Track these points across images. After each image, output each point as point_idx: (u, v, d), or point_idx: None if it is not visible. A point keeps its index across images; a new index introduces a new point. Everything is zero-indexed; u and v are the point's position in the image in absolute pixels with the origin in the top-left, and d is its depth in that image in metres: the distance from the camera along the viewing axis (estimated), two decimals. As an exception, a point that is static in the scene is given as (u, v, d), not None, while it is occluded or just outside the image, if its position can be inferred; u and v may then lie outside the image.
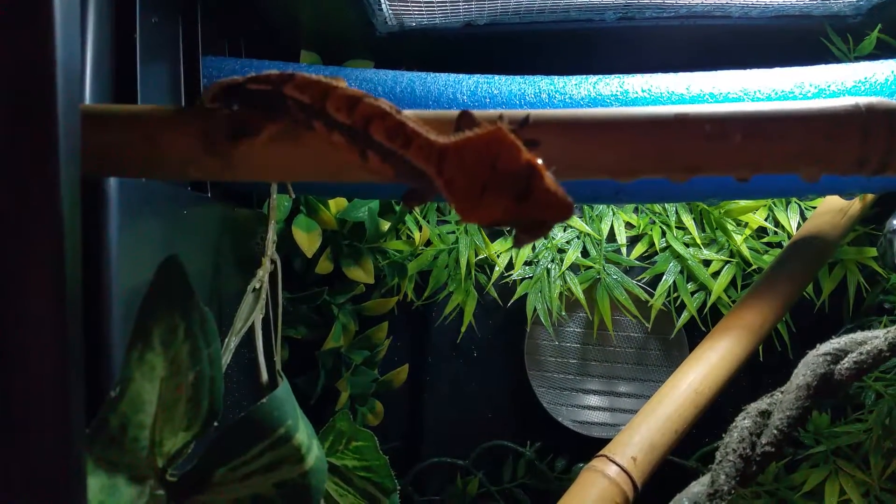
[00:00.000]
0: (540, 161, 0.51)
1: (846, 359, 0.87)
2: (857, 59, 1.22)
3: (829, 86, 0.99)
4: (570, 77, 1.03)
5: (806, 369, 0.87)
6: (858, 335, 0.88)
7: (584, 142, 0.64)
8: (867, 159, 0.62)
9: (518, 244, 0.54)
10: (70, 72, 0.52)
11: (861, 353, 0.85)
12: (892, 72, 0.99)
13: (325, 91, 0.57)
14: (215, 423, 0.71)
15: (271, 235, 0.96)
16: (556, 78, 1.03)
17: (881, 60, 1.03)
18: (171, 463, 0.69)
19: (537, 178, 0.50)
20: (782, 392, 0.88)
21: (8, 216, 0.51)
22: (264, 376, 0.87)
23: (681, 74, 1.01)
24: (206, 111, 0.64)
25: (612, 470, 0.92)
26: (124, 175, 0.68)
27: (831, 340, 0.90)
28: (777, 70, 1.01)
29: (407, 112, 0.57)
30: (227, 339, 0.86)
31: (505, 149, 0.51)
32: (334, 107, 0.57)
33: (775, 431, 0.85)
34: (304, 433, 0.74)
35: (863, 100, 0.63)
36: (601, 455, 0.95)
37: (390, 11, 1.15)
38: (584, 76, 1.03)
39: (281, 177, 0.87)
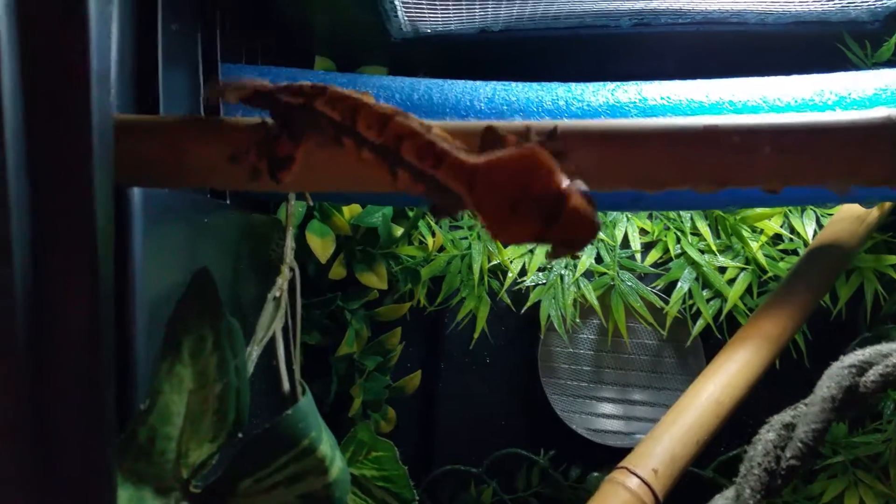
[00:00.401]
0: (569, 183, 0.51)
1: (871, 371, 0.86)
2: (875, 65, 1.21)
3: (849, 93, 0.99)
4: (588, 84, 1.03)
5: (830, 381, 0.87)
6: (884, 347, 0.87)
7: (612, 153, 0.63)
8: (900, 172, 0.62)
9: (553, 257, 0.54)
10: (103, 80, 0.52)
11: (887, 366, 0.85)
12: (913, 80, 0.98)
13: (355, 107, 0.57)
14: (240, 435, 0.71)
15: (290, 243, 0.96)
16: (573, 85, 1.03)
17: (902, 68, 1.02)
18: (196, 474, 0.68)
19: (568, 201, 0.50)
20: (806, 404, 0.88)
21: (43, 227, 0.51)
22: (286, 386, 0.86)
23: (699, 82, 1.01)
24: (233, 125, 0.64)
25: (634, 482, 0.91)
26: (150, 185, 0.68)
27: (856, 352, 0.89)
28: (797, 78, 1.01)
29: (435, 129, 0.57)
30: (249, 349, 0.86)
31: (537, 171, 0.50)
32: (365, 124, 0.56)
33: (800, 444, 0.84)
34: (327, 445, 0.74)
35: (895, 112, 0.63)
36: (622, 467, 0.94)
37: (405, 18, 1.15)
38: (602, 83, 1.02)
39: (311, 188, 0.87)
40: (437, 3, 1.08)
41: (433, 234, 1.36)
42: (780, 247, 1.35)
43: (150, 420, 0.61)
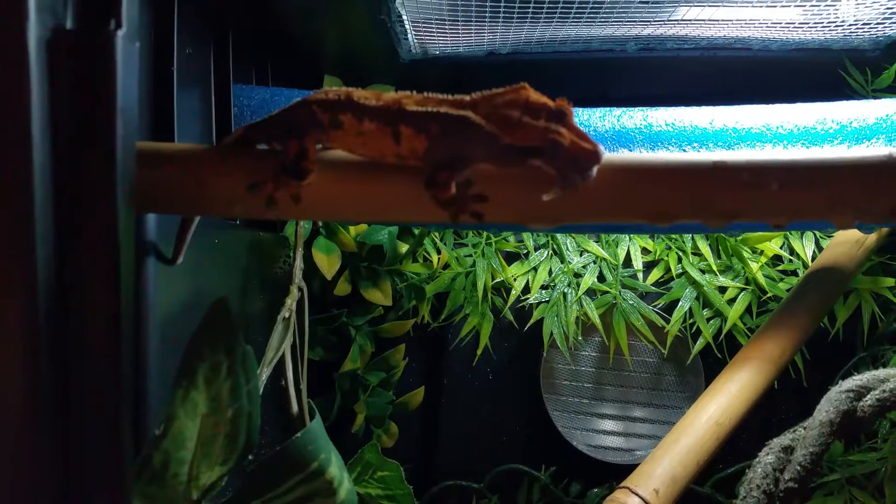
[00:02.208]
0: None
1: (868, 396, 0.88)
2: (875, 91, 1.23)
3: (850, 122, 1.00)
4: (595, 109, 1.04)
5: (829, 406, 0.88)
6: (881, 372, 0.89)
7: (623, 187, 0.65)
8: (902, 209, 0.63)
9: (563, 187, 0.59)
10: (128, 116, 0.53)
11: (884, 391, 0.86)
12: (913, 109, 1.00)
13: (347, 91, 0.63)
14: (250, 457, 0.72)
15: (298, 263, 0.97)
16: (580, 110, 1.04)
17: (902, 97, 1.04)
18: (206, 495, 0.69)
19: (569, 114, 0.57)
20: (805, 428, 0.89)
21: (67, 253, 0.52)
22: (295, 407, 0.87)
23: (704, 108, 1.03)
24: (249, 153, 0.65)
25: (635, 502, 0.92)
26: (169, 212, 0.69)
27: (854, 377, 0.91)
28: (799, 105, 1.02)
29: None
30: (259, 370, 0.87)
31: (531, 95, 0.58)
32: (362, 96, 0.62)
33: (798, 468, 0.86)
34: (336, 466, 0.75)
35: (896, 150, 0.64)
36: (623, 486, 0.96)
37: (415, 40, 1.16)
38: (609, 108, 1.04)
39: (325, 217, 0.88)
40: (446, 26, 1.10)
41: (438, 252, 1.38)
42: (780, 268, 1.36)
43: (165, 445, 0.62)
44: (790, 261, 1.36)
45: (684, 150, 1.01)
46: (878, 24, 1.10)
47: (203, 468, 0.68)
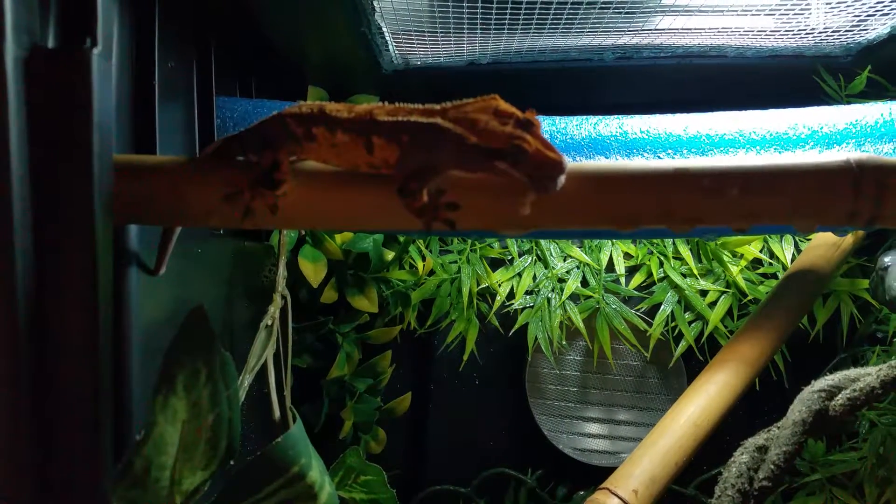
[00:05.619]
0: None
1: (839, 395, 0.90)
2: (849, 97, 1.25)
3: (821, 127, 1.03)
4: (571, 118, 1.06)
5: (801, 405, 0.90)
6: (851, 372, 0.91)
7: (587, 193, 0.67)
8: (858, 213, 0.66)
9: (536, 191, 0.60)
10: (105, 131, 0.55)
11: (854, 391, 0.88)
12: (882, 114, 1.02)
13: (321, 105, 0.65)
14: (231, 462, 0.73)
15: (282, 272, 0.99)
16: (557, 118, 1.07)
17: (871, 103, 1.06)
18: (189, 500, 0.71)
19: (536, 124, 0.59)
20: (779, 427, 0.91)
21: (46, 265, 0.54)
22: (277, 413, 0.89)
23: (678, 116, 1.05)
24: (226, 164, 0.67)
25: (614, 503, 0.94)
26: (149, 223, 0.70)
27: (825, 377, 0.92)
28: (771, 112, 1.04)
29: None
30: (241, 377, 0.88)
31: (501, 105, 0.60)
32: (334, 109, 0.64)
33: (772, 466, 0.87)
34: (317, 471, 0.77)
35: (853, 155, 0.67)
36: (603, 488, 0.97)
37: (396, 51, 1.19)
38: (585, 117, 1.06)
39: (303, 226, 0.89)
40: (426, 37, 1.12)
41: (423, 259, 1.40)
42: (760, 271, 1.38)
43: (145, 450, 0.63)
44: (770, 264, 1.38)
45: (659, 157, 1.03)
46: (847, 31, 1.12)
47: (185, 473, 0.69)
